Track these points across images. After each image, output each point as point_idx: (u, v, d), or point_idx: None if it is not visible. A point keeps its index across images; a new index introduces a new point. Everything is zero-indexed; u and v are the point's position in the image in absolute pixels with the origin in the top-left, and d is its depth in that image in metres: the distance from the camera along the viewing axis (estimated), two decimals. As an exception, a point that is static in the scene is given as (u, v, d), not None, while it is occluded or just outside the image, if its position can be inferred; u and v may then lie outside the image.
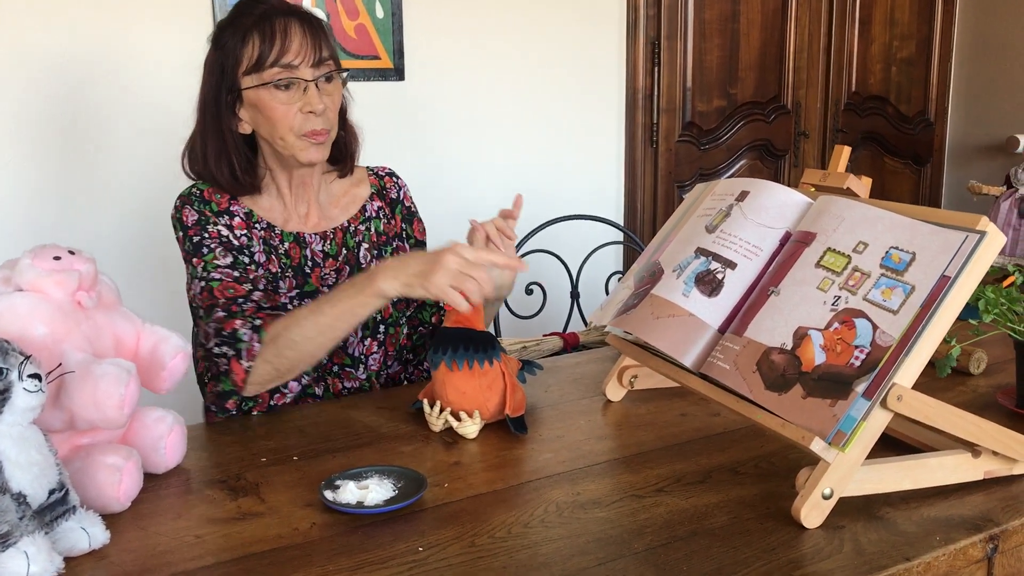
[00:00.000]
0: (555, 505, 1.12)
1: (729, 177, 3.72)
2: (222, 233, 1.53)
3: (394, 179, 1.75)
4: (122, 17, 2.53)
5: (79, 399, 1.07)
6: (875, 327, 1.06)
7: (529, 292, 2.38)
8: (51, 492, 0.99)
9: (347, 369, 1.62)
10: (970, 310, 1.26)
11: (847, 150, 1.36)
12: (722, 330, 1.23)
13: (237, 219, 1.56)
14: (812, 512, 1.05)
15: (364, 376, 1.64)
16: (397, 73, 2.94)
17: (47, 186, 2.51)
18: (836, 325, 1.09)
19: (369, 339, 1.63)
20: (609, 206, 3.48)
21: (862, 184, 1.29)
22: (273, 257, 1.57)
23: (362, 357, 1.63)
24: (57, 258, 1.15)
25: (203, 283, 1.49)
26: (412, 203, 1.76)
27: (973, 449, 1.15)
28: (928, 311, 1.03)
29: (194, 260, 1.51)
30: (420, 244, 1.73)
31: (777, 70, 3.75)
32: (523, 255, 2.44)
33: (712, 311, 1.24)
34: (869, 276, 1.10)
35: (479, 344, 1.39)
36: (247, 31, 1.48)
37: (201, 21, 2.61)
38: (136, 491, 1.14)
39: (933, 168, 4.28)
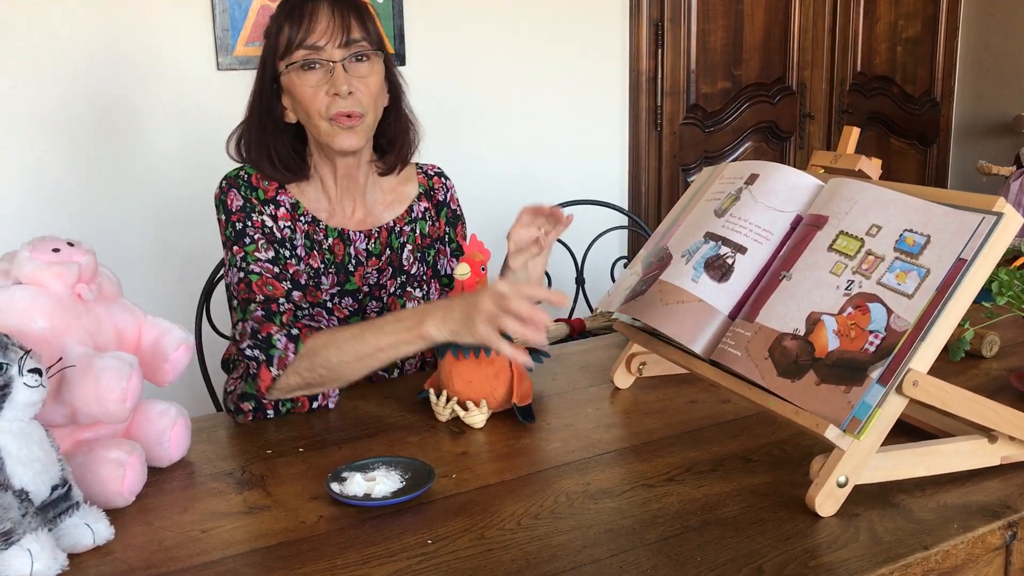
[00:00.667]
0: (565, 495, 1.11)
1: (734, 159, 3.69)
2: (266, 223, 1.49)
3: (443, 180, 1.70)
4: (143, 11, 2.50)
5: (81, 393, 1.06)
6: (890, 312, 1.04)
7: (534, 278, 2.36)
8: (54, 488, 0.97)
9: (381, 373, 1.58)
10: (983, 292, 1.24)
11: (856, 131, 1.34)
12: (732, 316, 1.21)
13: (283, 209, 1.52)
14: (827, 500, 1.04)
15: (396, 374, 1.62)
16: (398, 58, 2.91)
17: (69, 181, 2.49)
18: (850, 310, 1.07)
19: None
20: (613, 190, 3.45)
21: (874, 166, 1.27)
22: (315, 252, 1.53)
23: (398, 361, 1.55)
24: (56, 250, 1.13)
25: (241, 274, 1.45)
26: (459, 206, 1.71)
27: (989, 434, 1.13)
28: (944, 295, 1.01)
29: (235, 248, 1.47)
30: (460, 249, 1.67)
31: (782, 51, 3.71)
32: (528, 241, 2.42)
33: (722, 296, 1.22)
34: (883, 260, 1.08)
35: (485, 332, 1.37)
36: (282, 18, 1.48)
37: (198, 20, 2.59)
38: (140, 485, 1.12)
39: (939, 148, 4.25)
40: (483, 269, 1.39)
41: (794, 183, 1.26)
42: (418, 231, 1.63)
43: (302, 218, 1.53)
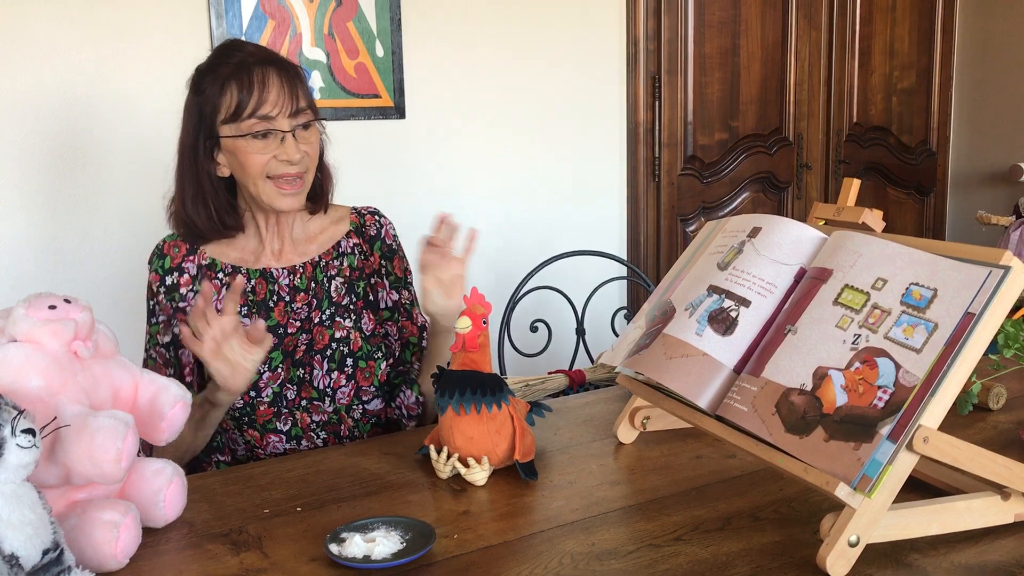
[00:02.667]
0: (570, 556, 1.08)
1: (732, 209, 3.70)
2: (178, 301, 1.58)
3: (376, 217, 1.74)
4: (114, 57, 2.52)
5: (75, 454, 1.03)
6: (898, 366, 1.02)
7: (534, 329, 2.35)
8: (45, 552, 0.95)
9: (315, 403, 1.60)
10: (989, 344, 1.23)
11: (857, 183, 1.34)
12: (737, 370, 1.19)
13: (186, 276, 1.59)
14: (838, 561, 1.01)
15: (332, 409, 1.61)
16: (398, 111, 2.93)
17: (39, 232, 2.49)
18: (857, 364, 1.06)
19: (336, 372, 1.61)
20: (612, 241, 3.45)
21: (876, 218, 1.26)
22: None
23: (328, 390, 1.61)
24: (52, 307, 1.11)
25: (146, 354, 1.60)
26: (395, 241, 1.74)
27: (1002, 491, 1.11)
28: (953, 349, 1.00)
29: (148, 324, 1.60)
30: (400, 281, 1.71)
31: (778, 102, 3.75)
32: (527, 292, 2.41)
33: (727, 350, 1.21)
34: (890, 314, 1.07)
35: (487, 387, 1.35)
36: (226, 80, 1.49)
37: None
38: (134, 548, 1.10)
39: (937, 198, 4.26)
40: (484, 322, 1.37)
41: (797, 236, 1.26)
42: (346, 264, 1.67)
43: (220, 274, 1.59)
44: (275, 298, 1.61)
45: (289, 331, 1.61)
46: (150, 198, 2.58)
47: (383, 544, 1.09)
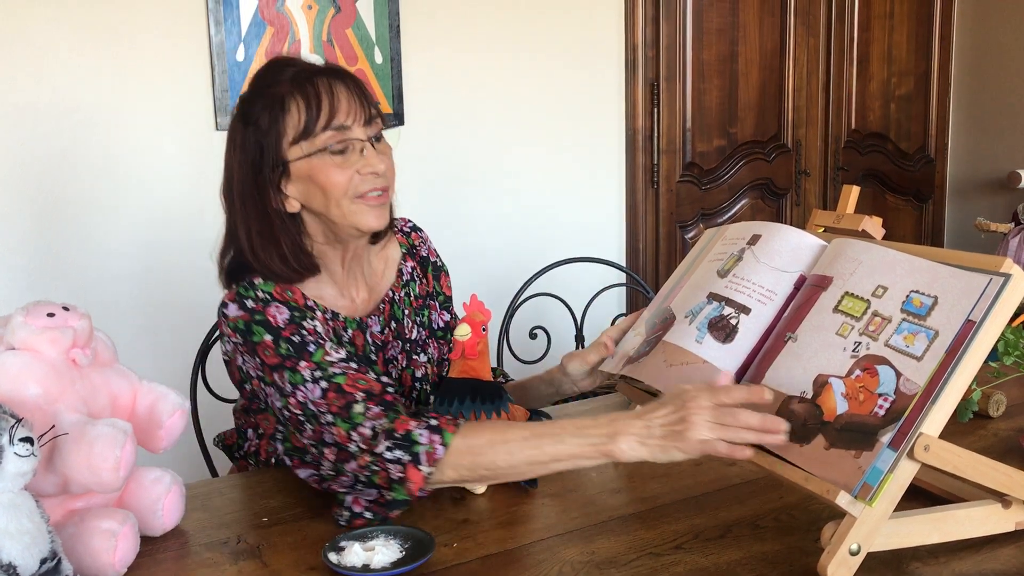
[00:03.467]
0: (570, 565, 1.08)
1: (731, 216, 3.70)
2: (318, 328, 1.31)
3: (419, 234, 1.60)
4: (113, 63, 2.52)
5: (73, 462, 1.03)
6: (899, 374, 1.02)
7: (533, 336, 2.35)
8: (43, 561, 0.94)
9: None
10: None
11: (856, 190, 1.34)
12: (738, 377, 1.19)
13: (319, 313, 1.36)
14: (839, 569, 1.01)
15: None
16: (397, 118, 2.93)
17: (38, 238, 2.48)
18: (858, 372, 1.05)
19: None
20: (611, 248, 3.45)
21: (876, 225, 1.26)
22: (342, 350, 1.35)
23: None
24: (51, 315, 1.11)
25: (324, 383, 1.24)
26: (438, 256, 1.62)
27: (1003, 499, 1.11)
28: (953, 357, 1.00)
29: (300, 364, 1.25)
30: (448, 301, 1.60)
31: (776, 109, 3.75)
32: (526, 299, 2.41)
33: (727, 357, 1.21)
34: (890, 321, 1.07)
35: (487, 394, 1.35)
36: (285, 98, 1.31)
37: (197, 78, 2.61)
38: (132, 556, 1.09)
39: (935, 205, 4.26)
40: (484, 329, 1.37)
41: (796, 243, 1.26)
42: (412, 294, 1.54)
43: (327, 317, 1.38)
44: (372, 348, 1.44)
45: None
46: (149, 204, 2.59)
47: (382, 553, 1.08)
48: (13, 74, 2.40)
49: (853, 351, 1.07)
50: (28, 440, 0.94)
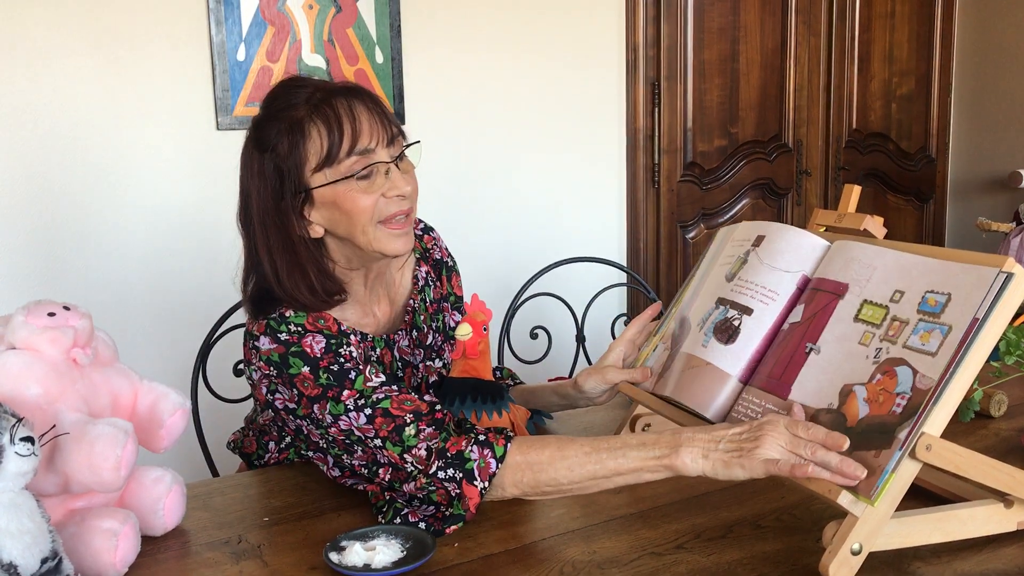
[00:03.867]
0: (571, 565, 1.08)
1: (732, 216, 3.70)
2: (353, 354, 1.28)
3: (432, 235, 1.57)
4: (113, 64, 2.52)
5: (74, 462, 1.03)
6: (915, 372, 1.02)
7: (534, 336, 2.34)
8: (44, 561, 0.94)
9: None
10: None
11: (857, 189, 1.33)
12: (743, 379, 1.19)
13: (354, 337, 1.32)
14: (841, 569, 1.01)
15: None
16: (398, 117, 2.93)
17: (38, 239, 2.48)
18: (879, 376, 1.05)
19: None
20: (612, 248, 3.45)
21: (877, 224, 1.26)
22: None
23: None
24: (51, 314, 1.11)
25: (368, 410, 1.22)
26: (450, 255, 1.59)
27: (1005, 499, 1.10)
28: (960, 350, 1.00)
29: (343, 394, 1.23)
30: (459, 301, 1.58)
31: (778, 109, 3.74)
32: (527, 299, 2.40)
33: (729, 359, 1.20)
34: (908, 323, 1.06)
35: (487, 394, 1.35)
36: (304, 122, 1.26)
37: (198, 78, 2.61)
38: (133, 556, 1.09)
39: (936, 204, 4.26)
40: (485, 329, 1.37)
41: (799, 244, 1.25)
42: (428, 299, 1.51)
43: (359, 340, 1.34)
44: (399, 364, 1.42)
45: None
46: (150, 204, 2.59)
47: (383, 552, 1.08)
48: (13, 74, 2.40)
49: (875, 357, 1.07)
50: (29, 439, 0.94)
